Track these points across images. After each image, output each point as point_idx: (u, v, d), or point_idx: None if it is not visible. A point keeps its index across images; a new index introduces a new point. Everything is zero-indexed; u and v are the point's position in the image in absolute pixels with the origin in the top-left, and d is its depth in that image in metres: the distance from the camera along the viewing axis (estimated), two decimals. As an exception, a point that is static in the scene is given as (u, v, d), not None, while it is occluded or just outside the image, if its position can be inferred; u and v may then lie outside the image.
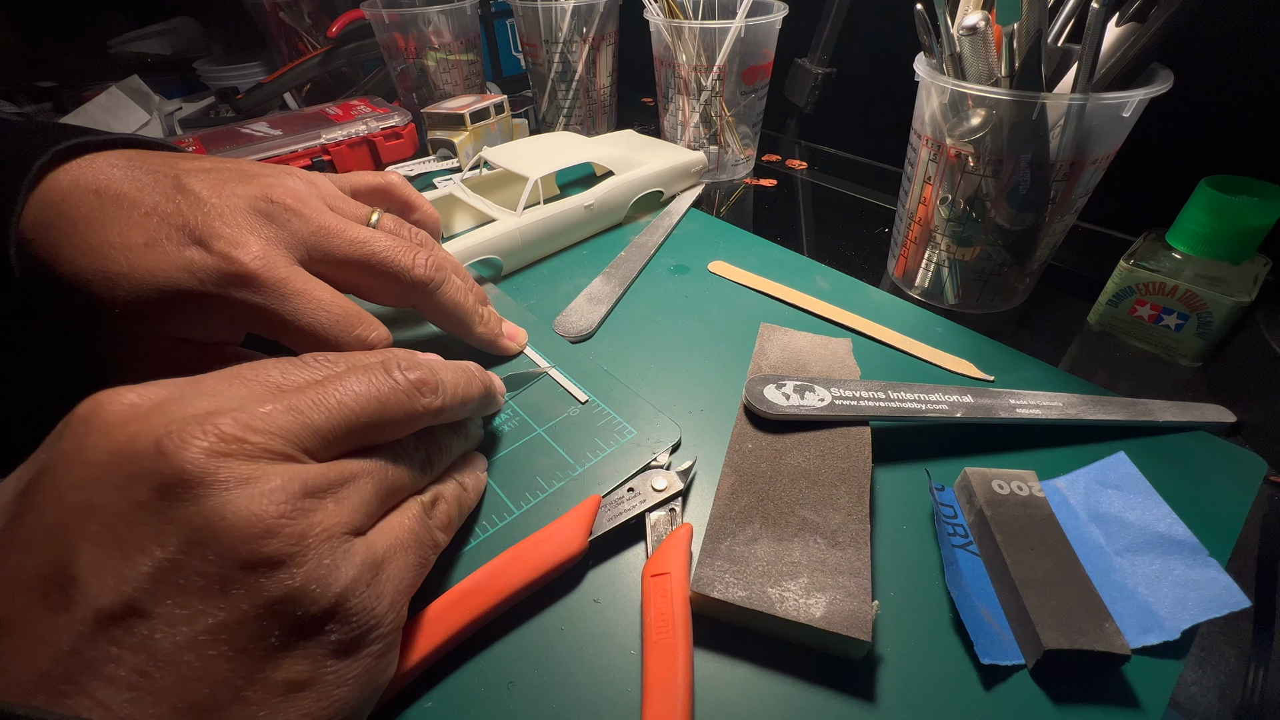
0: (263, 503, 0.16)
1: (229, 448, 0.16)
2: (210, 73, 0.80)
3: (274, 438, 0.17)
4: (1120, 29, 0.30)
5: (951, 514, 0.25)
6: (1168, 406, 0.30)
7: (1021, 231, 0.34)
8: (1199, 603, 0.21)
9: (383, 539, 0.19)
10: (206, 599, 0.15)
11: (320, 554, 0.16)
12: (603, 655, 0.22)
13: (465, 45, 0.65)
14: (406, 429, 0.21)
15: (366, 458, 0.19)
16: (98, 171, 0.23)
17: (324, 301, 0.25)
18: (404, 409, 0.20)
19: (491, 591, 0.22)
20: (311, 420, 0.18)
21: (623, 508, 0.26)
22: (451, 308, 0.30)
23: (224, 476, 0.15)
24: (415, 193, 0.34)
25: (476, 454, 0.27)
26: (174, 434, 0.15)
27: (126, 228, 0.23)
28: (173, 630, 0.14)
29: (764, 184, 0.57)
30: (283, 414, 0.17)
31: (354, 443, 0.19)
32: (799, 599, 0.21)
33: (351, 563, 0.17)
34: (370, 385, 0.19)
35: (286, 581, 0.15)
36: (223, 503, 0.15)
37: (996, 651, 0.21)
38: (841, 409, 0.27)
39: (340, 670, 0.17)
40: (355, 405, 0.19)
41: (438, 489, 0.23)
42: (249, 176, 0.26)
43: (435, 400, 0.21)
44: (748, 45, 0.49)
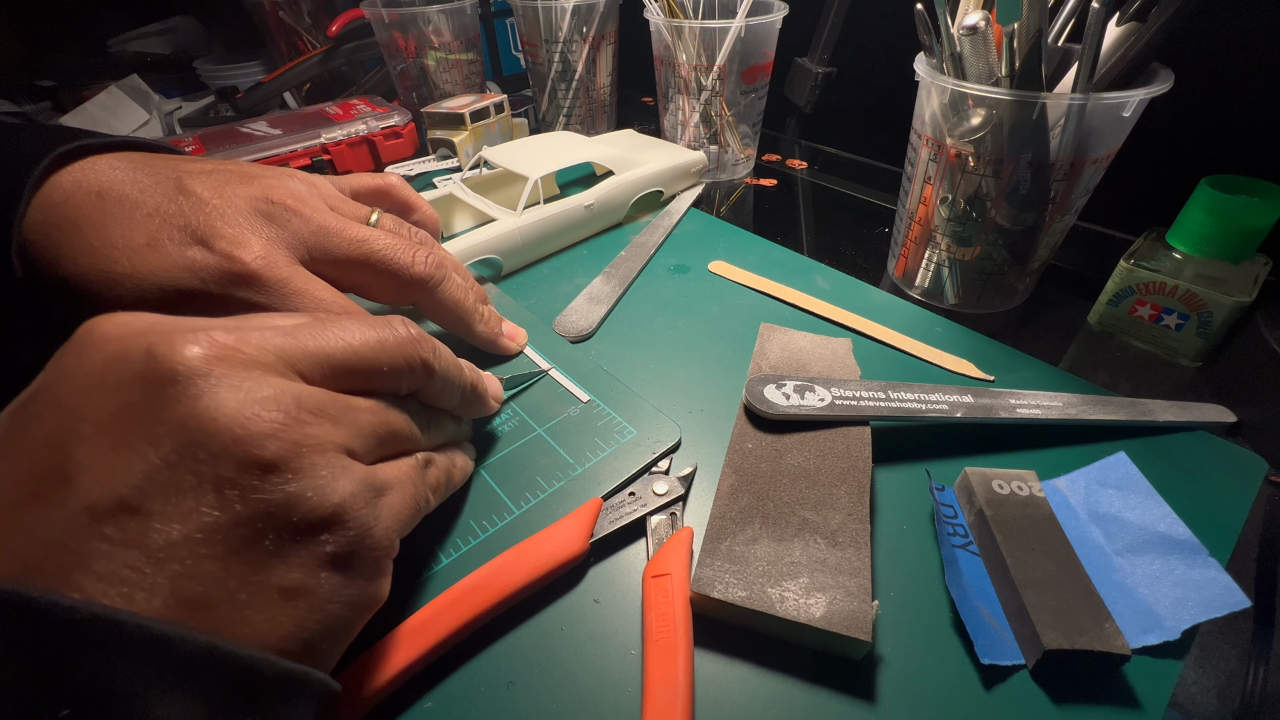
0: (257, 407, 0.16)
1: (222, 353, 0.16)
2: (210, 72, 0.80)
3: (267, 353, 0.17)
4: (1120, 29, 0.30)
5: (951, 514, 0.25)
6: (1168, 406, 0.30)
7: (1022, 231, 0.34)
8: (1199, 602, 0.21)
9: (382, 472, 0.19)
10: (200, 498, 0.15)
11: (317, 464, 0.16)
12: (603, 655, 0.22)
13: (465, 45, 0.65)
14: (402, 380, 0.21)
15: (367, 397, 0.20)
16: (100, 173, 0.24)
17: (325, 300, 0.25)
18: (403, 355, 0.20)
19: (492, 590, 0.22)
20: (307, 344, 0.18)
21: (624, 511, 0.26)
22: (451, 305, 0.30)
23: (217, 378, 0.15)
24: (414, 194, 0.34)
25: (466, 444, 0.27)
26: (166, 339, 0.16)
27: (129, 229, 0.23)
28: (166, 528, 0.14)
29: (764, 184, 0.57)
30: (278, 336, 0.17)
31: (352, 382, 0.19)
32: (799, 599, 0.21)
33: (350, 478, 0.17)
34: (372, 329, 0.20)
35: (282, 486, 0.16)
36: (215, 402, 0.15)
37: (996, 651, 0.21)
38: (841, 409, 0.27)
39: (334, 583, 0.17)
40: (353, 340, 0.19)
41: (430, 456, 0.23)
42: (249, 178, 0.26)
43: (432, 358, 0.22)
44: (748, 45, 0.49)
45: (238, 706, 0.14)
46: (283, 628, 0.16)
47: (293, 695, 0.15)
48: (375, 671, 0.20)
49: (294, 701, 0.15)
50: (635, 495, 0.26)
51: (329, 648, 0.17)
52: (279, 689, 0.15)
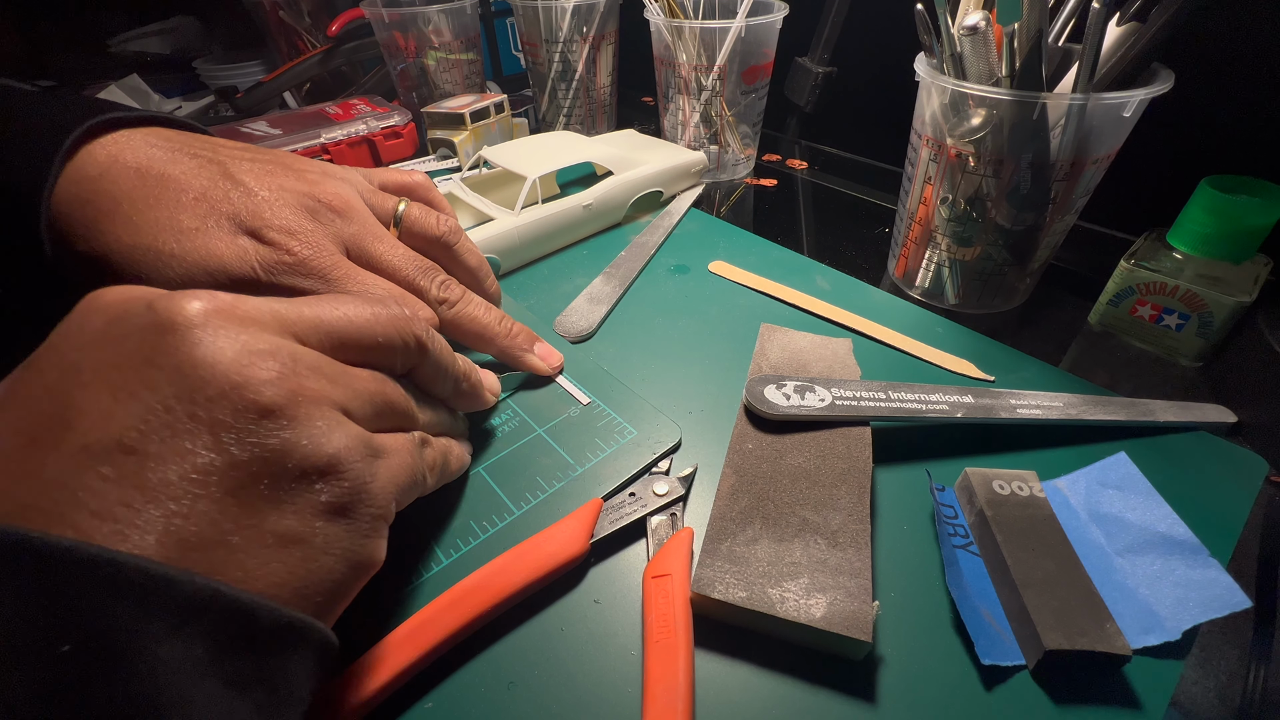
0: (255, 356, 0.16)
1: (221, 309, 0.16)
2: (210, 71, 0.80)
3: (265, 315, 0.17)
4: (1121, 29, 0.30)
5: (952, 514, 0.25)
6: (1168, 406, 0.30)
7: (1022, 231, 0.34)
8: (1200, 603, 0.21)
9: (380, 437, 0.19)
10: (196, 440, 0.15)
11: (313, 415, 0.17)
12: (603, 655, 0.22)
13: (465, 44, 0.65)
14: (398, 356, 0.21)
15: (365, 370, 0.20)
16: (137, 150, 0.23)
17: (372, 282, 0.26)
18: (396, 329, 0.21)
19: (492, 591, 0.22)
20: (304, 313, 0.18)
21: (624, 511, 0.26)
22: (467, 323, 0.30)
23: (215, 328, 0.16)
24: (439, 194, 0.34)
25: (463, 440, 0.27)
26: (165, 296, 0.16)
27: (175, 210, 0.23)
28: (161, 467, 0.15)
29: (764, 184, 0.57)
30: (277, 303, 0.18)
31: (349, 353, 0.19)
32: (799, 599, 0.21)
33: (346, 433, 0.17)
34: (369, 305, 0.20)
35: (278, 432, 0.16)
36: (214, 350, 0.15)
37: (997, 652, 0.21)
38: (842, 409, 0.27)
39: (329, 533, 0.17)
40: (351, 313, 0.19)
41: (426, 435, 0.23)
42: (295, 171, 0.27)
43: (426, 337, 0.22)
44: (748, 45, 0.49)
45: (239, 649, 0.15)
46: (276, 574, 0.16)
47: (293, 643, 0.16)
48: (375, 672, 0.20)
49: (294, 649, 0.16)
50: (635, 496, 0.26)
51: (323, 602, 0.17)
52: (279, 635, 0.15)
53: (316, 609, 0.17)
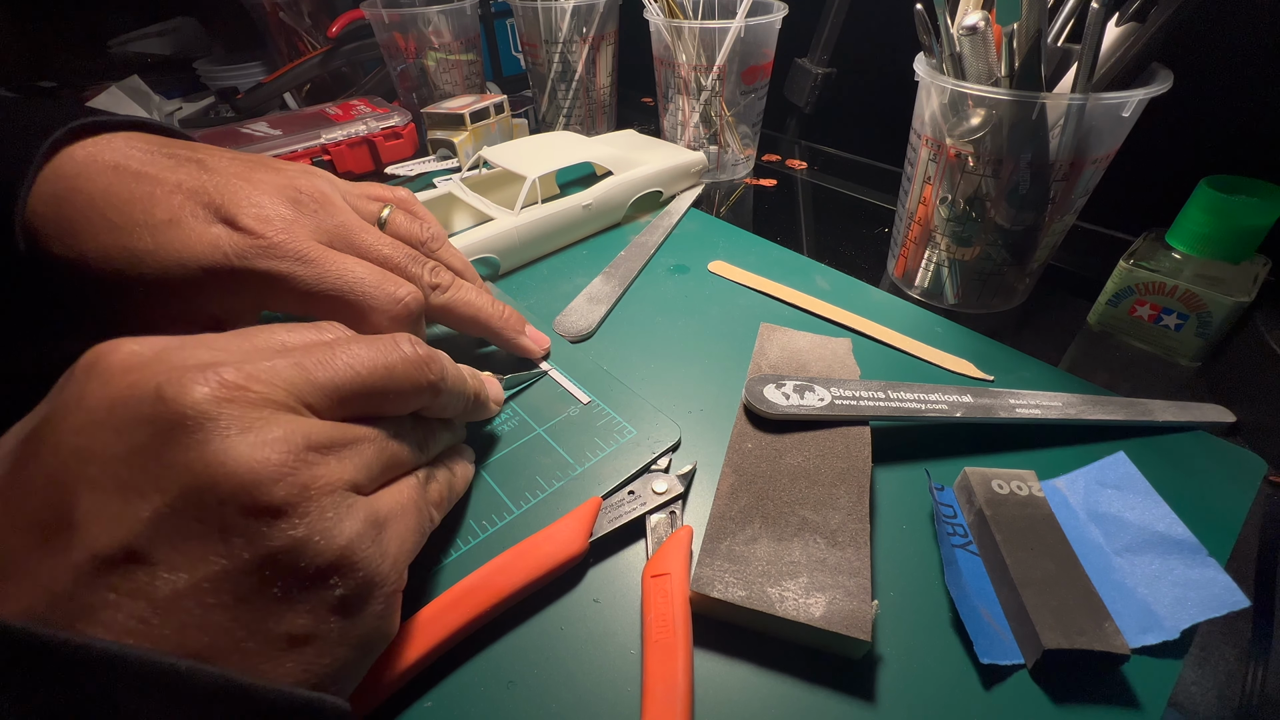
0: (265, 450, 0.15)
1: (231, 394, 0.16)
2: (210, 73, 0.80)
3: (277, 389, 0.17)
4: (1120, 29, 0.30)
5: (951, 514, 0.25)
6: (1167, 406, 0.30)
7: (1021, 231, 0.34)
8: (1198, 602, 0.21)
9: (385, 502, 0.19)
10: (207, 546, 0.15)
11: (324, 506, 0.16)
12: (602, 655, 0.22)
13: (465, 45, 0.65)
14: (409, 402, 0.21)
15: (369, 425, 0.19)
16: (115, 149, 0.23)
17: (350, 263, 0.25)
18: (410, 379, 0.20)
19: (491, 590, 0.22)
20: (317, 377, 0.18)
21: (623, 510, 0.26)
22: (463, 308, 0.30)
23: (225, 422, 0.15)
24: (422, 207, 0.34)
25: (463, 447, 0.27)
26: (175, 379, 0.15)
27: (150, 205, 0.23)
28: (173, 577, 0.14)
29: (764, 184, 0.57)
30: (287, 368, 0.17)
31: (358, 408, 0.19)
32: (798, 599, 0.21)
33: (355, 517, 0.17)
34: (380, 352, 0.19)
35: (289, 531, 0.15)
36: (224, 448, 0.15)
37: (996, 651, 0.21)
38: (841, 409, 0.27)
39: (343, 627, 0.16)
40: (362, 368, 0.19)
41: (430, 471, 0.23)
42: (275, 168, 0.27)
43: (439, 379, 0.21)
44: (748, 45, 0.49)
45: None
46: (291, 674, 0.15)
47: None
48: (375, 672, 0.20)
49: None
50: (635, 494, 0.26)
51: (339, 688, 0.17)
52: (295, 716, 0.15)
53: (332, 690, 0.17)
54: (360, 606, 0.17)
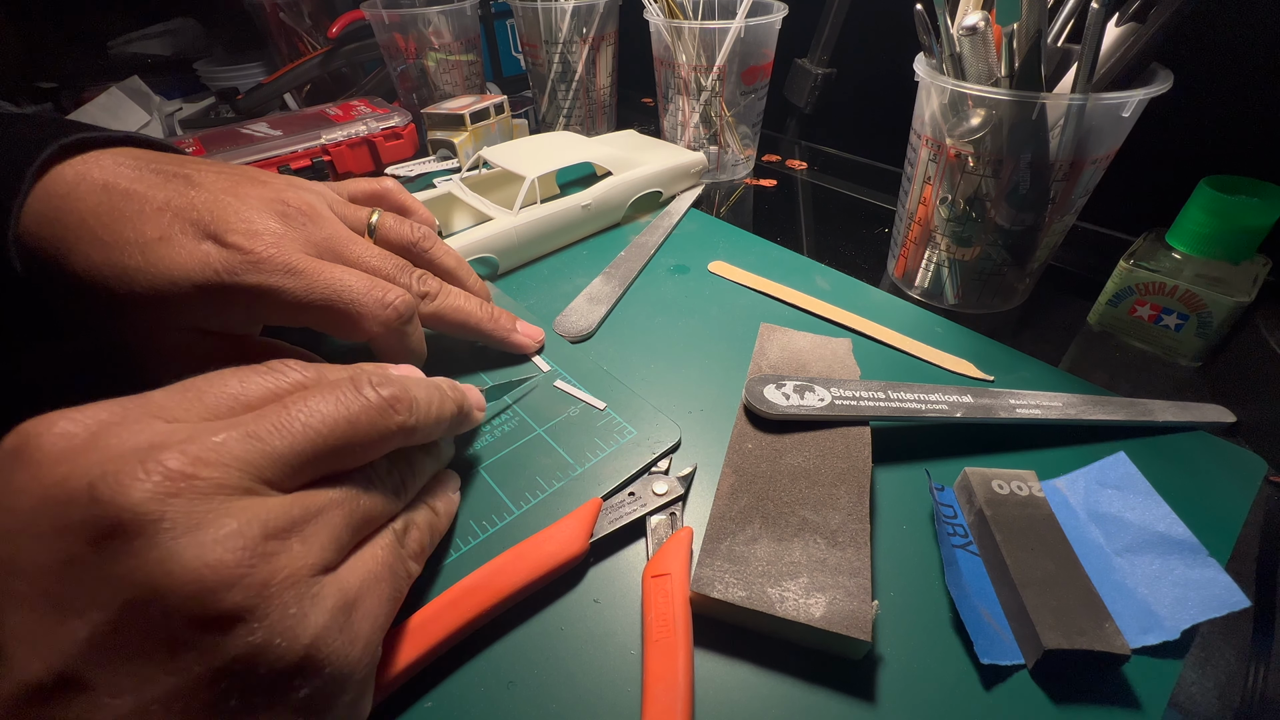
0: (217, 550, 0.14)
1: (176, 487, 0.14)
2: (210, 73, 0.80)
3: (229, 470, 0.15)
4: (1120, 29, 0.30)
5: (951, 514, 0.25)
6: (1168, 406, 0.30)
7: (1021, 231, 0.34)
8: (1199, 602, 0.21)
9: (355, 574, 0.17)
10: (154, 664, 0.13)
11: (285, 603, 0.15)
12: (602, 655, 0.22)
13: (465, 45, 0.65)
14: (378, 451, 0.19)
15: (335, 485, 0.18)
16: (104, 167, 0.23)
17: (338, 271, 0.25)
18: (376, 429, 0.18)
19: (491, 590, 0.22)
20: (273, 447, 0.16)
21: (623, 511, 0.26)
22: (451, 314, 0.30)
23: (170, 521, 0.14)
24: (410, 196, 0.35)
25: (448, 473, 0.25)
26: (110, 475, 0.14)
27: (139, 222, 0.23)
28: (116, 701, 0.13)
29: (764, 184, 0.57)
30: (239, 442, 0.15)
31: (322, 469, 0.17)
32: (799, 599, 0.21)
33: (321, 608, 0.15)
34: (339, 404, 0.18)
35: (247, 638, 0.14)
36: (169, 553, 0.13)
37: (996, 651, 0.21)
38: (841, 409, 0.27)
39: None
40: (322, 427, 0.17)
41: (409, 516, 0.21)
42: (262, 181, 0.27)
43: (409, 418, 0.20)
44: (747, 45, 0.49)
45: None
46: None
47: None
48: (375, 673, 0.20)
49: None
50: (635, 495, 0.26)
51: None
52: None
53: None
54: (329, 703, 0.16)
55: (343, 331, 0.26)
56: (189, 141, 0.53)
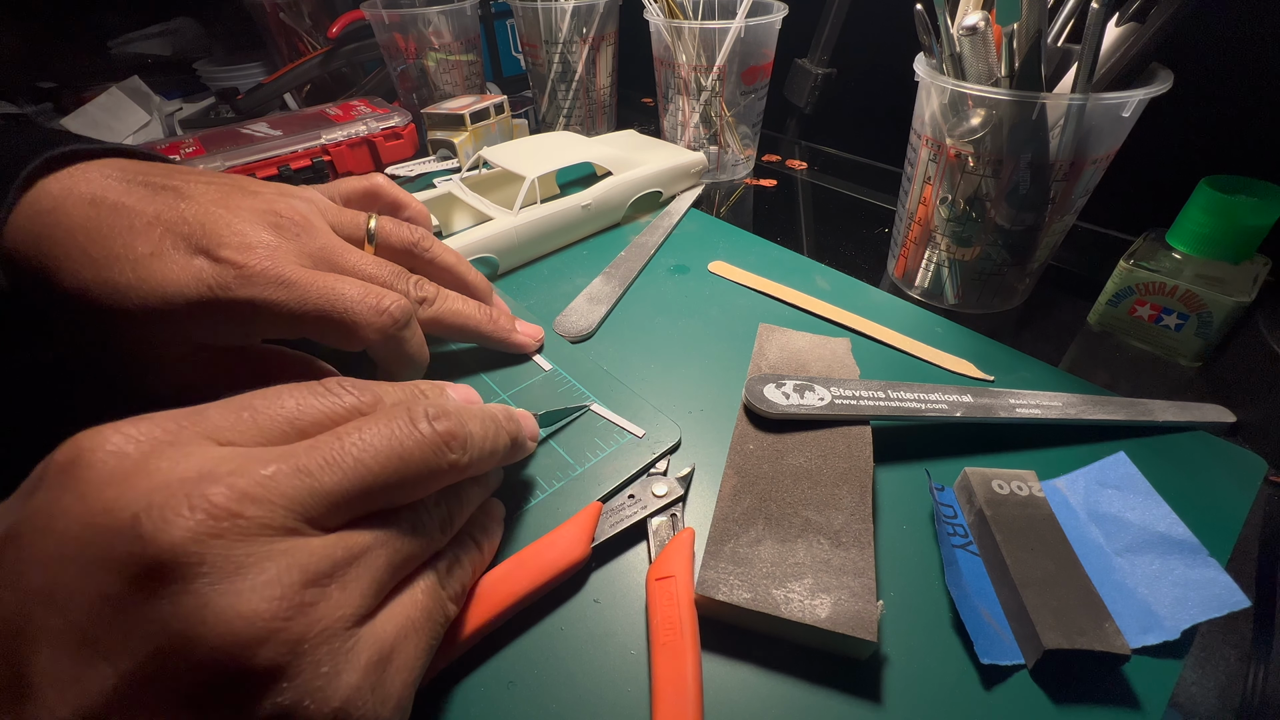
0: (254, 600, 0.13)
1: (219, 526, 0.13)
2: (210, 73, 0.80)
3: (275, 508, 0.14)
4: (1120, 29, 0.30)
5: (951, 514, 0.25)
6: (1168, 406, 0.30)
7: (1021, 231, 0.34)
8: (1199, 602, 0.21)
9: (392, 622, 0.17)
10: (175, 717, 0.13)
11: (318, 660, 0.14)
12: (603, 655, 0.22)
13: (465, 45, 0.65)
14: (427, 489, 0.19)
15: (380, 524, 0.17)
16: (91, 180, 0.23)
17: (331, 280, 0.25)
18: (428, 466, 0.18)
19: (495, 600, 0.22)
20: (322, 484, 0.15)
21: (624, 514, 0.26)
22: (449, 318, 0.30)
23: (209, 566, 0.13)
24: (402, 192, 0.34)
25: (494, 502, 0.25)
26: (155, 508, 0.13)
27: (129, 238, 0.22)
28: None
29: (764, 184, 0.57)
30: (288, 477, 0.15)
31: (368, 506, 0.17)
32: (804, 600, 0.21)
33: (354, 665, 0.15)
34: (393, 438, 0.17)
35: (275, 699, 0.13)
36: (205, 601, 0.13)
37: (996, 651, 0.21)
38: (841, 408, 0.27)
39: None
40: (374, 464, 0.16)
41: (454, 552, 0.21)
42: (253, 191, 0.26)
43: (463, 457, 0.19)
44: (747, 45, 0.49)
45: None
46: None
47: None
48: None
49: None
50: (635, 498, 0.26)
51: None
52: None
53: None
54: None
55: (340, 340, 0.25)
56: (189, 142, 0.53)
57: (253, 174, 0.51)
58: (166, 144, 0.53)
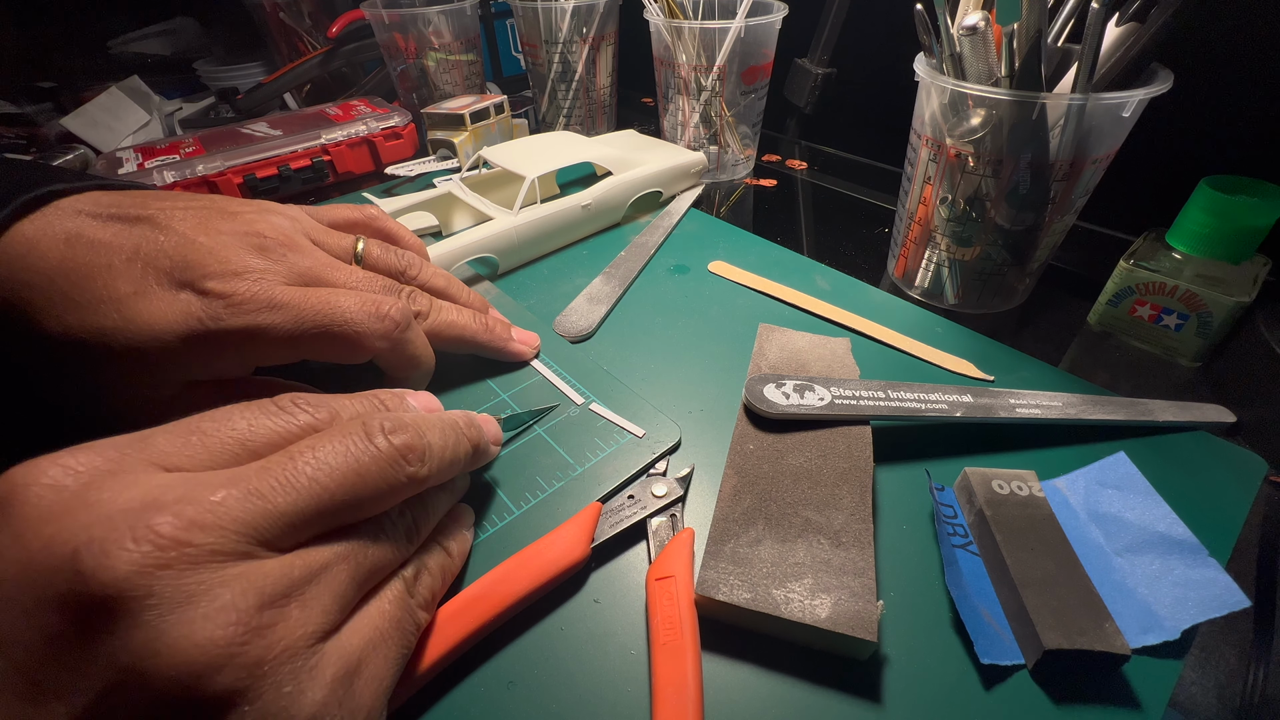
0: (208, 627, 0.13)
1: (166, 556, 0.13)
2: (210, 73, 0.80)
3: (226, 534, 0.14)
4: (1120, 29, 0.30)
5: (951, 514, 0.25)
6: (1168, 406, 0.30)
7: (1021, 231, 0.34)
8: (1199, 602, 0.21)
9: (359, 635, 0.16)
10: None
11: (280, 680, 0.14)
12: (602, 655, 0.22)
13: (465, 45, 0.65)
14: (387, 503, 0.18)
15: (340, 539, 0.17)
16: (64, 218, 0.22)
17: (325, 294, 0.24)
18: (387, 481, 0.18)
19: (494, 600, 0.22)
20: (275, 506, 0.15)
21: (624, 514, 0.26)
22: (444, 329, 0.29)
23: (157, 598, 0.13)
24: (395, 223, 0.33)
25: (462, 507, 0.24)
26: (96, 543, 0.13)
27: (110, 277, 0.21)
28: None
29: (764, 184, 0.57)
30: (239, 501, 0.15)
31: (326, 524, 0.16)
32: (804, 600, 0.21)
33: (320, 681, 0.14)
34: (348, 455, 0.17)
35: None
36: (156, 633, 0.13)
37: (996, 651, 0.21)
38: (841, 408, 0.27)
39: None
40: (329, 483, 0.16)
41: (421, 560, 0.20)
42: (232, 214, 0.25)
43: (421, 469, 0.19)
44: (748, 45, 0.49)
45: None
46: None
47: None
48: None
49: None
50: (634, 498, 0.26)
51: None
52: None
53: None
54: None
55: (344, 354, 0.25)
56: (189, 141, 0.53)
57: (253, 173, 0.51)
58: (166, 144, 0.53)
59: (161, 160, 0.49)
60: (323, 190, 0.56)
